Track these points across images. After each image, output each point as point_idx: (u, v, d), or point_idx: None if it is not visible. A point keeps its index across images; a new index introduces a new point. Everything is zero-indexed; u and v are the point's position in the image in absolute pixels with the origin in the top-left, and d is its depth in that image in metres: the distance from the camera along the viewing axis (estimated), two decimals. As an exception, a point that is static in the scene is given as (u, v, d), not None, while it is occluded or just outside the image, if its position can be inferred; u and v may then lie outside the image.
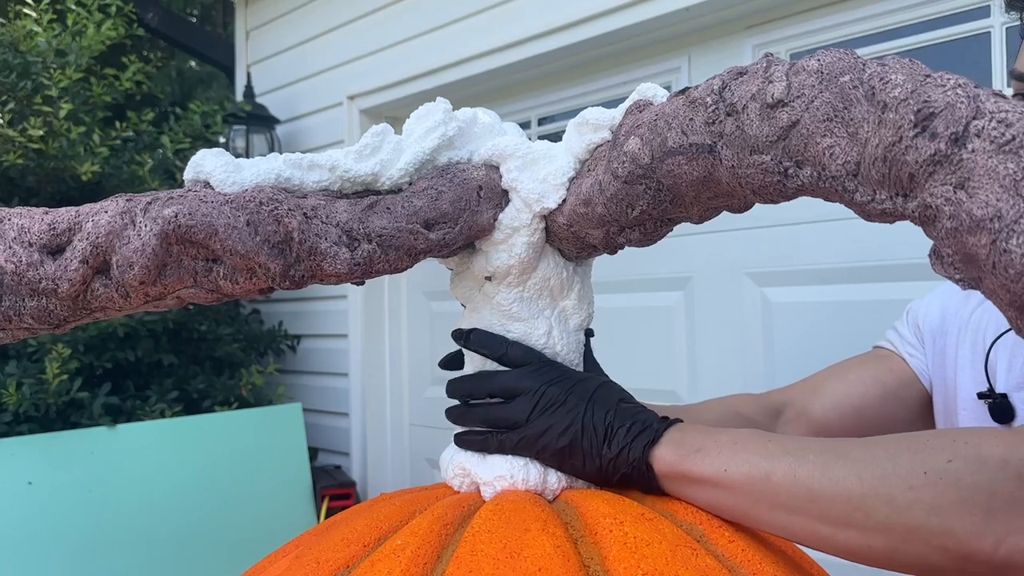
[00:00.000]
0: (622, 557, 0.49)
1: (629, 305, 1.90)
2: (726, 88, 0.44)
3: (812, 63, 0.41)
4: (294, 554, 0.61)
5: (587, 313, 0.66)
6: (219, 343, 2.41)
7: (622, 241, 0.58)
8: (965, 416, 0.76)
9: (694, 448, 0.55)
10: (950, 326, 0.81)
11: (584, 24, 1.82)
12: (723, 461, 0.54)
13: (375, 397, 2.49)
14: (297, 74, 2.70)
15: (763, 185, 0.44)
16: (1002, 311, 0.35)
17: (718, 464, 0.54)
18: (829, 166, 0.39)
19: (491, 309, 0.63)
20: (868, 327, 1.48)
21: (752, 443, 0.54)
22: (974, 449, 0.47)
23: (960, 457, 0.47)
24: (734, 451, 0.54)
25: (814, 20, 1.61)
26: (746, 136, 0.43)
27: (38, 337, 1.95)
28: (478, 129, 0.63)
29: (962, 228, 0.33)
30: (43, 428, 1.94)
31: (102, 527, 1.86)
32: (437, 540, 0.54)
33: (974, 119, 0.34)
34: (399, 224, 0.55)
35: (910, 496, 0.47)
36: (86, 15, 2.33)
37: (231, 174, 0.54)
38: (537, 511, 0.55)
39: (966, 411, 0.76)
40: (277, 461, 2.21)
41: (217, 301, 0.55)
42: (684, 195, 0.50)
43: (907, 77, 0.36)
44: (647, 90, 0.54)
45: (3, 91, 2.06)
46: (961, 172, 0.34)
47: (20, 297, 0.50)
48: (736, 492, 0.53)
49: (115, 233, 0.49)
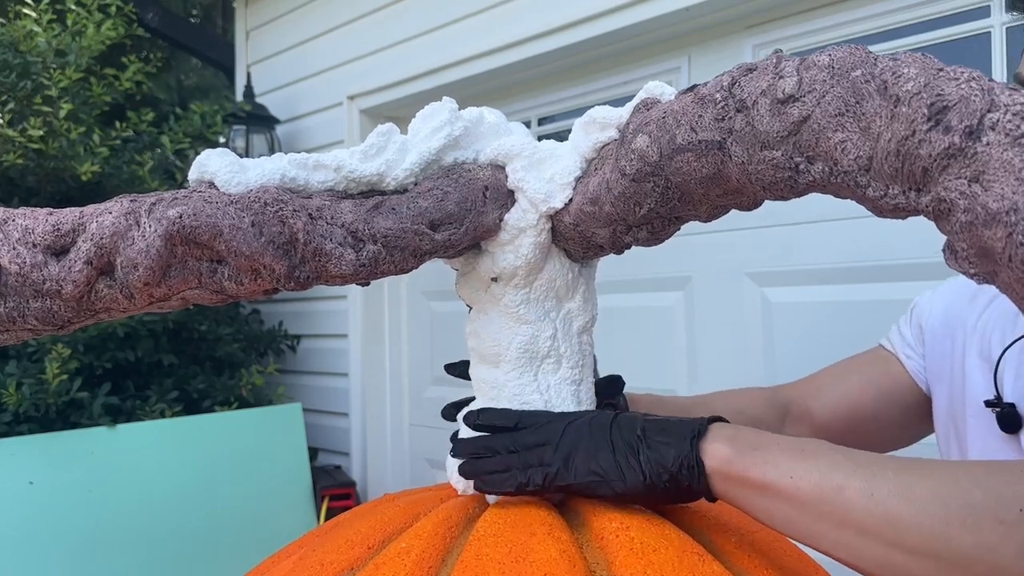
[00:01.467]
0: (628, 562, 0.49)
1: (629, 305, 1.89)
2: (736, 84, 0.44)
3: (823, 58, 0.41)
4: (298, 555, 0.61)
5: (591, 315, 0.66)
6: (219, 343, 2.40)
7: (629, 240, 0.57)
8: (973, 423, 0.75)
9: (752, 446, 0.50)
10: (955, 330, 0.80)
11: (584, 24, 1.82)
12: (789, 466, 0.48)
13: (375, 397, 2.49)
14: (297, 74, 2.70)
15: (774, 181, 0.44)
16: (1018, 305, 0.35)
17: (783, 468, 0.48)
18: (841, 161, 0.39)
19: (498, 311, 0.63)
20: (868, 327, 1.48)
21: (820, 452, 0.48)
22: None
23: None
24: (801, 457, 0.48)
25: (814, 20, 1.60)
26: (756, 132, 0.43)
27: (39, 337, 1.94)
28: (484, 129, 0.62)
29: (977, 221, 0.33)
30: (43, 428, 1.94)
31: (102, 527, 1.85)
32: (442, 543, 0.54)
33: (988, 112, 0.34)
34: (404, 225, 0.55)
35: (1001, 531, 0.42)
36: (86, 15, 2.32)
37: (236, 174, 0.53)
38: (543, 515, 0.54)
39: (974, 418, 0.75)
40: (277, 461, 2.21)
41: (222, 302, 0.54)
42: (693, 193, 0.49)
43: (920, 71, 0.36)
44: (655, 88, 0.54)
45: (3, 91, 2.06)
46: (976, 165, 0.33)
47: (24, 298, 0.49)
48: (801, 504, 0.48)
49: (119, 234, 0.48)
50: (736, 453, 0.50)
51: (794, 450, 0.49)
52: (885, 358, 0.87)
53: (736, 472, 0.50)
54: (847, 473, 0.47)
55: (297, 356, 2.72)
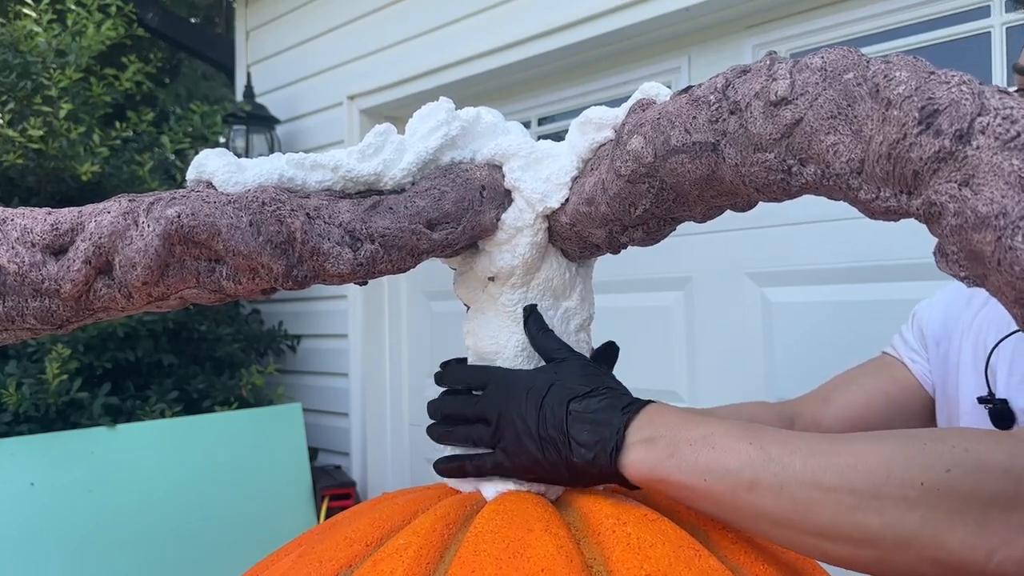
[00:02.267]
0: (625, 558, 0.49)
1: (629, 305, 1.90)
2: (729, 86, 0.44)
3: (816, 60, 0.41)
4: (296, 553, 0.61)
5: (588, 314, 0.66)
6: (219, 343, 2.41)
7: (625, 240, 0.58)
8: (966, 420, 0.76)
9: (667, 452, 0.52)
10: (952, 330, 0.81)
11: (584, 24, 1.82)
12: (701, 468, 0.51)
13: (375, 397, 2.49)
14: (297, 74, 2.70)
15: (767, 183, 0.44)
16: (1007, 308, 0.35)
17: (697, 472, 0.51)
18: (833, 164, 0.39)
19: (496, 311, 0.63)
20: (868, 327, 1.49)
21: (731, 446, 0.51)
22: (974, 457, 0.45)
23: (960, 466, 0.45)
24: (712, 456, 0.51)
25: (814, 20, 1.61)
26: (749, 134, 0.43)
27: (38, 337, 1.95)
28: (481, 128, 0.63)
29: (967, 225, 0.33)
30: (43, 428, 1.94)
31: (102, 527, 1.85)
32: (440, 540, 0.54)
33: (979, 116, 0.34)
34: (402, 224, 0.55)
35: (904, 507, 0.45)
36: (86, 15, 2.32)
37: (234, 174, 0.54)
38: (540, 511, 0.55)
39: (967, 415, 0.76)
40: (277, 461, 2.21)
41: (220, 301, 0.54)
42: (687, 194, 0.50)
43: (911, 74, 0.36)
44: (650, 89, 0.54)
45: (3, 91, 2.06)
46: (966, 169, 0.34)
47: (23, 297, 0.50)
48: (717, 501, 0.51)
49: (118, 233, 0.49)
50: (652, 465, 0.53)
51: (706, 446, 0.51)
52: (890, 364, 0.87)
53: (656, 479, 0.53)
54: (758, 468, 0.49)
55: (297, 356, 2.72)
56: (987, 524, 0.44)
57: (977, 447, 0.46)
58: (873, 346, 0.95)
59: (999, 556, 0.44)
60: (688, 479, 0.51)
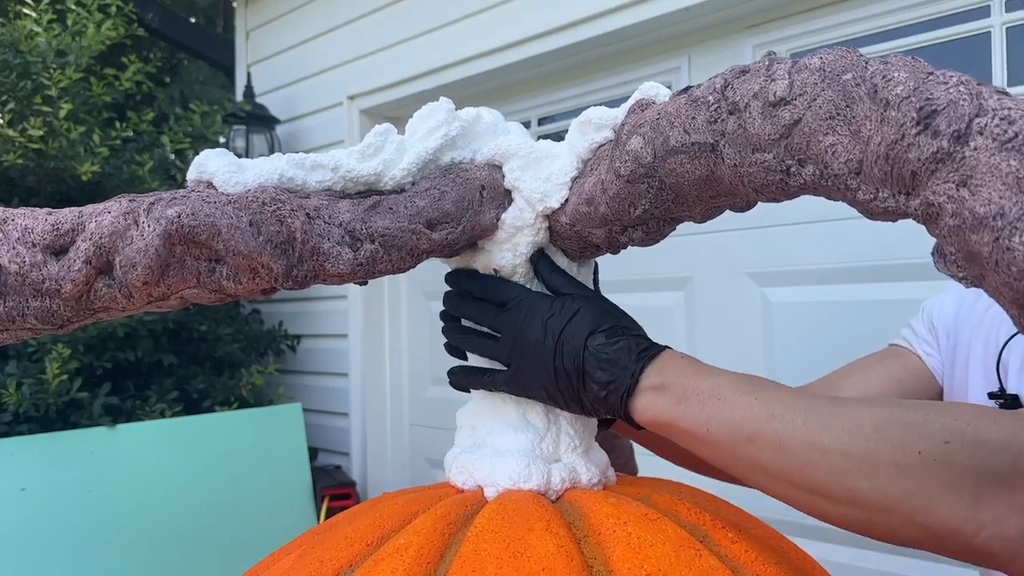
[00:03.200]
0: (626, 557, 0.49)
1: (629, 305, 1.87)
2: (728, 87, 0.45)
3: (814, 61, 0.41)
4: (297, 553, 0.61)
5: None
6: (219, 343, 2.41)
7: (625, 240, 0.58)
8: None
9: (675, 400, 0.55)
10: (964, 324, 0.81)
11: (584, 24, 1.83)
12: (706, 417, 0.53)
13: (375, 397, 2.49)
14: (297, 74, 2.70)
15: (765, 183, 0.44)
16: (1005, 309, 0.35)
17: (701, 420, 0.53)
18: (831, 164, 0.39)
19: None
20: (868, 327, 1.49)
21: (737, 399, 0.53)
22: (973, 432, 0.46)
23: (959, 440, 0.46)
24: (717, 408, 0.53)
25: (814, 20, 1.61)
26: (748, 134, 0.43)
27: (38, 337, 1.95)
28: (481, 128, 0.63)
29: (965, 226, 0.33)
30: (43, 428, 1.94)
31: (102, 527, 1.85)
32: (440, 539, 0.54)
33: (977, 116, 0.34)
34: (402, 224, 0.55)
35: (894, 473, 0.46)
36: (86, 15, 2.32)
37: (234, 174, 0.54)
38: (540, 511, 0.55)
39: None
40: (277, 461, 2.21)
41: (220, 301, 0.55)
42: (686, 194, 0.50)
43: (909, 75, 0.36)
44: (649, 89, 0.55)
45: (3, 91, 2.06)
46: (964, 170, 0.34)
47: (24, 297, 0.50)
48: (716, 449, 0.53)
49: (118, 233, 0.49)
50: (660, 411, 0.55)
51: (713, 398, 0.54)
52: (902, 354, 0.87)
53: (661, 422, 0.56)
54: (760, 422, 0.51)
55: (297, 356, 2.72)
56: (980, 500, 0.45)
57: (977, 423, 0.47)
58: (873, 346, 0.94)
59: (987, 532, 0.45)
60: (692, 427, 0.54)
